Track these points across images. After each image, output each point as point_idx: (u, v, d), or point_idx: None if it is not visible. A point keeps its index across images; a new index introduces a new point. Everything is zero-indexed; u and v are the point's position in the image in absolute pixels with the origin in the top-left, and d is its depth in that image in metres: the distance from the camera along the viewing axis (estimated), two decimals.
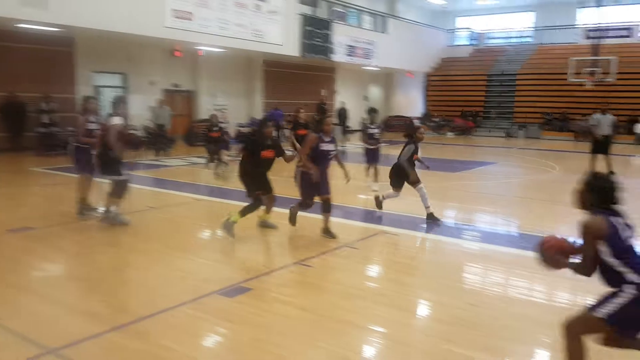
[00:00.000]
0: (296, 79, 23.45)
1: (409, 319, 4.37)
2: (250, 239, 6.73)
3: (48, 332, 3.78)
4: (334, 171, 6.81)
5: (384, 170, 8.99)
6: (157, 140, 16.02)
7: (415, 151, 7.32)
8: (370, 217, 8.11)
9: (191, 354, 3.57)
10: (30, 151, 14.58)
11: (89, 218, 7.27)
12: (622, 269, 2.84)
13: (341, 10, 22.12)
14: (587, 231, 2.87)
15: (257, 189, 6.36)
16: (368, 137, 10.04)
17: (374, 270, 5.79)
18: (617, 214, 2.93)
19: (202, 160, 14.25)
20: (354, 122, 25.70)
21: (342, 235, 6.44)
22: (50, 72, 15.55)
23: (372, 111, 10.41)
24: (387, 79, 29.86)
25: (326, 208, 6.37)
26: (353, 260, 5.84)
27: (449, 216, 8.57)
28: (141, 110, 17.81)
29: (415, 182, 7.34)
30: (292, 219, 6.57)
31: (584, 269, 2.96)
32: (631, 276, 2.82)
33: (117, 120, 6.69)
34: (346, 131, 24.36)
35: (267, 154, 6.31)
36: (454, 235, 7.08)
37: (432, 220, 7.26)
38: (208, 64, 19.85)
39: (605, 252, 2.86)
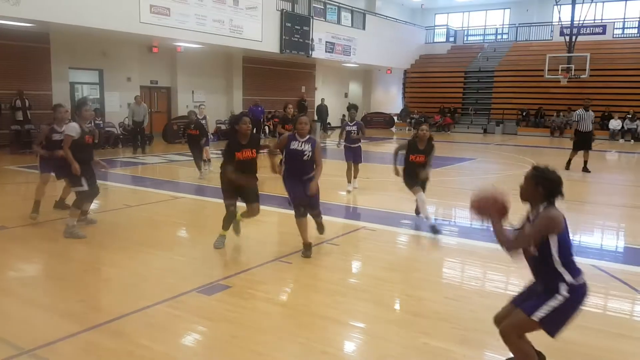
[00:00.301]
0: (276, 75, 23.38)
1: (388, 314, 4.40)
2: (230, 236, 6.70)
3: (23, 333, 3.72)
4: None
5: (366, 168, 9.06)
6: (135, 137, 15.83)
7: (414, 151, 6.88)
8: (349, 213, 8.14)
9: (169, 352, 3.55)
10: (4, 149, 14.29)
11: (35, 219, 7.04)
12: (561, 268, 2.91)
13: (320, 7, 22.10)
14: (549, 223, 2.88)
15: (229, 197, 5.78)
16: (346, 135, 9.72)
17: (353, 266, 5.82)
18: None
19: (180, 158, 14.12)
20: (334, 118, 25.75)
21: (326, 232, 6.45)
22: (24, 68, 15.24)
23: (351, 108, 10.08)
24: (367, 75, 29.97)
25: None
26: (333, 257, 5.85)
27: (428, 212, 8.65)
28: (118, 107, 17.58)
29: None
30: (320, 228, 6.29)
31: (513, 245, 2.95)
32: (567, 277, 2.90)
33: (71, 128, 6.20)
34: (326, 128, 24.43)
35: (244, 154, 5.60)
36: (434, 231, 7.15)
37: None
38: (186, 60, 19.66)
39: (553, 247, 2.90)
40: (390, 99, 30.73)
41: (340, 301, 4.52)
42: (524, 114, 25.12)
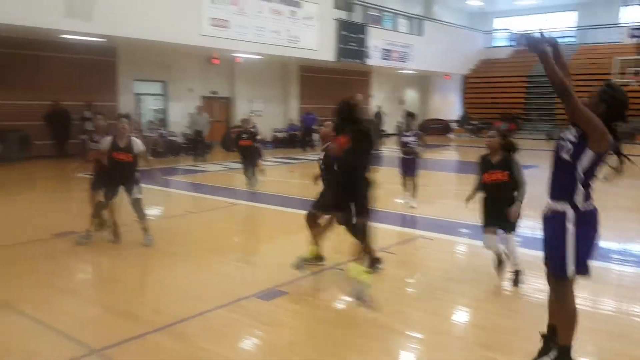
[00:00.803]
0: (332, 83, 23.52)
1: (446, 324, 4.30)
2: (286, 242, 6.78)
3: (92, 333, 3.91)
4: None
5: (423, 176, 8.90)
6: (195, 146, 16.37)
7: (487, 167, 5.16)
8: (406, 221, 8.04)
9: (229, 355, 3.62)
10: (74, 158, 15.09)
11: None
12: (577, 186, 2.95)
13: (377, 14, 22.06)
14: (601, 134, 2.83)
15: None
16: (402, 146, 8.74)
17: (410, 275, 5.73)
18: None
19: (238, 165, 14.45)
20: (389, 126, 25.60)
21: (378, 240, 6.39)
22: (93, 80, 16.09)
23: (408, 116, 9.28)
24: (424, 81, 29.59)
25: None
26: (389, 265, 5.79)
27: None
28: (180, 117, 18.22)
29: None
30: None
31: (568, 89, 2.84)
32: (578, 198, 2.97)
33: (102, 141, 6.39)
34: (382, 135, 24.30)
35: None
36: None
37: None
38: (244, 70, 20.14)
39: (585, 160, 2.92)
40: (448, 105, 30.18)
41: (396, 310, 4.46)
42: None
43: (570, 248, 3.00)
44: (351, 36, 19.90)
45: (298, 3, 17.72)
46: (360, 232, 4.63)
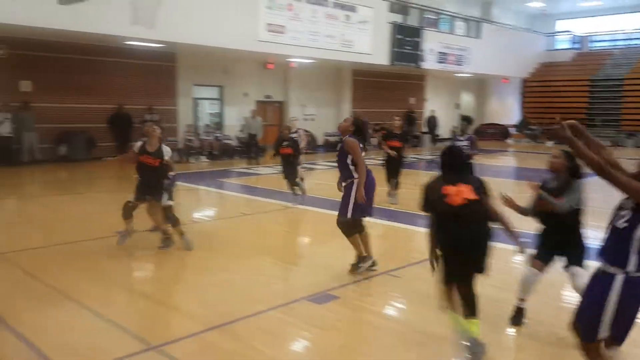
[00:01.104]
0: (385, 87, 23.39)
1: (504, 336, 4.17)
2: (337, 246, 6.78)
3: (151, 329, 4.05)
4: None
5: None
6: (249, 149, 16.69)
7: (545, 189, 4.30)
8: None
9: (281, 357, 3.66)
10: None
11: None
12: (633, 253, 2.77)
13: (433, 17, 21.76)
14: None
15: None
16: None
17: None
18: None
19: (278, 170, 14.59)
20: (444, 130, 25.20)
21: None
22: (154, 85, 16.71)
23: (463, 120, 9.11)
24: (481, 85, 28.91)
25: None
26: None
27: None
28: (235, 121, 18.62)
29: None
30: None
31: (605, 168, 2.69)
32: (631, 265, 2.79)
33: (136, 145, 6.48)
34: (435, 140, 23.93)
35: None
36: None
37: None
38: (298, 74, 20.35)
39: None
40: (506, 110, 29.33)
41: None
42: None
43: (609, 313, 2.82)
44: (406, 39, 19.71)
45: (353, 7, 17.74)
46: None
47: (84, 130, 15.14)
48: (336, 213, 5.52)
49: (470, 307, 3.69)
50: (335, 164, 5.80)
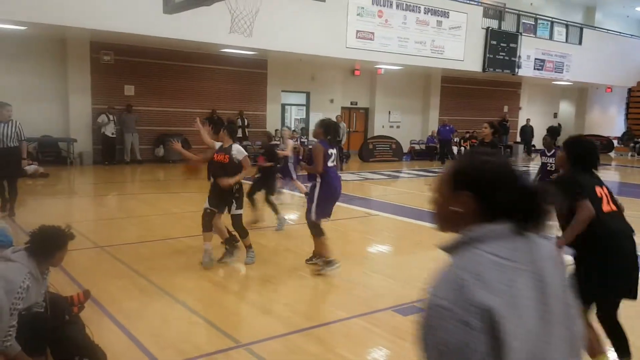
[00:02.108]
0: (476, 94, 22.66)
1: None
2: (422, 257, 6.60)
3: (240, 328, 4.14)
4: None
5: None
6: None
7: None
8: None
9: None
10: None
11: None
12: None
13: (530, 23, 20.78)
14: None
15: None
16: (541, 169, 7.19)
17: None
18: None
19: (375, 176, 14.45)
20: (539, 140, 23.97)
21: None
22: (245, 91, 17.31)
23: (550, 131, 7.36)
24: (581, 94, 27.19)
25: None
26: None
27: None
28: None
29: None
30: None
31: None
32: None
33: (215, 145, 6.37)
34: (530, 150, 22.79)
35: None
36: None
37: None
38: (384, 81, 20.22)
39: None
40: (609, 121, 27.36)
41: None
42: None
43: None
44: (501, 45, 18.98)
45: (446, 13, 17.36)
46: None
47: (179, 133, 15.97)
48: (421, 223, 5.41)
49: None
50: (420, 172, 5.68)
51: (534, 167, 18.21)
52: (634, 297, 3.27)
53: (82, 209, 9.51)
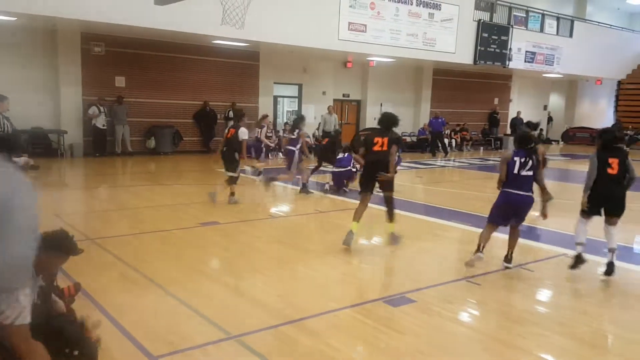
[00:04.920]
0: (467, 87, 22.71)
1: (592, 354, 3.91)
2: (415, 248, 6.67)
3: (230, 319, 4.16)
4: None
5: (568, 189, 8.21)
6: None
7: None
8: (549, 238, 7.45)
9: (356, 357, 3.64)
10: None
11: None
12: None
13: (522, 15, 20.81)
14: None
15: None
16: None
17: (550, 295, 5.31)
18: None
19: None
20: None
21: (516, 256, 6.02)
22: (237, 83, 17.24)
23: (528, 126, 7.74)
24: (571, 86, 27.33)
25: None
26: (526, 283, 5.42)
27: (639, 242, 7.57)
28: (312, 119, 18.82)
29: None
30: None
31: None
32: None
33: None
34: None
35: None
36: None
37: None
38: (376, 73, 20.21)
39: None
40: (598, 113, 27.52)
41: (533, 332, 4.16)
42: None
43: None
44: (492, 38, 19.01)
45: (437, 5, 17.35)
46: None
47: (171, 125, 15.92)
48: (411, 214, 5.52)
49: None
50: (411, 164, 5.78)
51: None
52: None
53: (73, 201, 9.48)
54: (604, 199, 5.52)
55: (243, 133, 8.59)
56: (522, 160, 5.40)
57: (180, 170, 13.52)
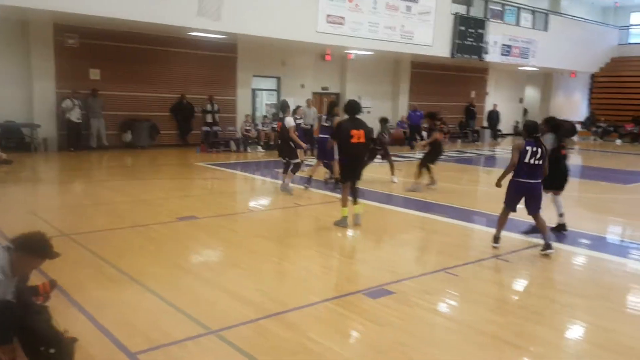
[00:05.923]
0: (444, 80, 22.88)
1: (568, 342, 4.00)
2: (394, 241, 6.71)
3: (210, 314, 4.14)
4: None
5: None
6: (306, 142, 16.73)
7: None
8: (524, 229, 7.58)
9: (338, 350, 3.65)
10: (195, 147, 16.13)
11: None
12: None
13: (498, 9, 21.02)
14: None
15: None
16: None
17: (526, 285, 5.41)
18: None
19: None
20: (506, 125, 24.47)
21: (491, 249, 6.11)
22: (215, 76, 17.05)
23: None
24: (546, 79, 27.75)
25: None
26: (503, 274, 5.52)
27: (612, 232, 7.74)
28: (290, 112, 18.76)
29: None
30: None
31: None
32: None
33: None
34: (496, 135, 23.22)
35: None
36: (618, 254, 6.36)
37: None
38: (355, 66, 20.21)
39: None
40: (573, 105, 28.03)
41: (510, 321, 4.23)
42: None
43: None
44: (469, 31, 19.16)
45: None
46: None
47: (147, 119, 15.68)
48: (389, 207, 5.60)
49: None
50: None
51: (499, 152, 18.62)
52: None
53: (47, 196, 9.29)
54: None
55: (289, 122, 9.21)
56: (534, 149, 5.83)
57: (158, 165, 13.35)
